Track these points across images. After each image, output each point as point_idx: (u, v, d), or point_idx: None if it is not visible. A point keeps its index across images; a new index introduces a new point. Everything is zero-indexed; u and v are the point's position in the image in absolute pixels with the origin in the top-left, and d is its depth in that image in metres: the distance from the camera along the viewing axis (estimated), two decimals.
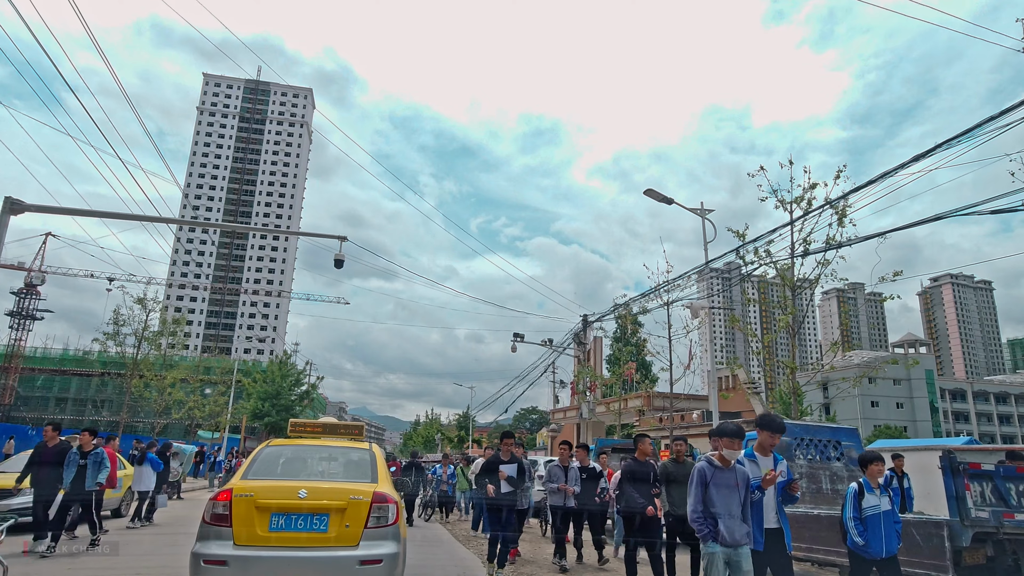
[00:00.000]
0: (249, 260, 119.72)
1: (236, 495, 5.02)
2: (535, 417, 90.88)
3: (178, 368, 25.38)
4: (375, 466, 5.91)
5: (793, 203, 12.36)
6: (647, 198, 14.70)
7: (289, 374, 42.23)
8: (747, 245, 13.01)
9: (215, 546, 4.84)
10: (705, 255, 14.96)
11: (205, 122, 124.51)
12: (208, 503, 5.12)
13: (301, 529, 4.99)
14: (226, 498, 5.03)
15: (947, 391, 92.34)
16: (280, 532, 4.95)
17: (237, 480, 5.36)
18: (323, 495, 5.11)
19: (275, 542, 4.91)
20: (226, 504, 4.98)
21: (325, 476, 5.98)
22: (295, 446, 6.30)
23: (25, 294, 72.52)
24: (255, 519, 4.93)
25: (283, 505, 5.01)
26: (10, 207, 10.73)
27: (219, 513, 4.97)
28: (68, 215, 12.44)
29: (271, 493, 5.08)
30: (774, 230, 12.36)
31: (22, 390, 64.78)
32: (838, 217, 11.51)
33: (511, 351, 23.60)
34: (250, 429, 43.13)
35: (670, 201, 15.04)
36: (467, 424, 61.97)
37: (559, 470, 8.64)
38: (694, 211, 15.20)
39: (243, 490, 5.06)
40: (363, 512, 5.10)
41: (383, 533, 5.13)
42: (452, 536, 12.31)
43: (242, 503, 4.98)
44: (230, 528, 4.90)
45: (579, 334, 21.89)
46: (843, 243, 11.10)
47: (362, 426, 7.10)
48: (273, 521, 4.96)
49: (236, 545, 4.84)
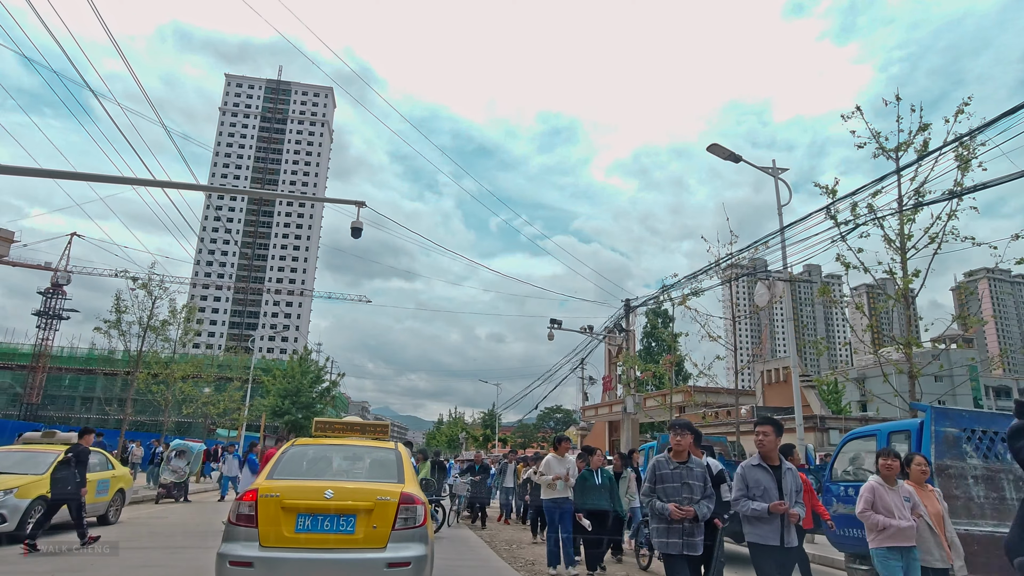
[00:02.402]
0: (271, 260, 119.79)
1: (262, 495, 4.92)
2: (559, 416, 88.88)
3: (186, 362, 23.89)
4: (401, 466, 5.71)
5: (898, 149, 10.20)
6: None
7: (309, 371, 40.93)
8: (841, 201, 10.85)
9: (241, 547, 4.75)
10: (780, 220, 12.84)
11: (227, 122, 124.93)
12: (234, 503, 5.05)
13: (328, 530, 4.90)
14: (252, 498, 4.93)
15: (991, 388, 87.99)
16: (307, 533, 4.86)
17: (262, 480, 5.25)
18: (350, 496, 5.03)
19: (302, 543, 4.83)
20: (252, 504, 4.88)
21: (351, 476, 5.85)
22: (320, 445, 6.17)
23: (51, 294, 72.96)
24: (281, 520, 4.86)
25: (309, 506, 4.92)
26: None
27: (245, 513, 4.87)
28: (43, 177, 10.90)
29: (297, 493, 5.00)
30: (880, 178, 10.18)
31: (49, 389, 65.08)
32: (963, 161, 9.31)
33: (548, 339, 21.79)
34: (272, 428, 41.95)
35: (737, 159, 12.94)
36: (493, 423, 60.26)
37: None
38: (765, 170, 13.08)
39: (269, 490, 4.97)
40: (390, 513, 5.00)
41: (411, 535, 5.02)
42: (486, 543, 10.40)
43: (268, 503, 4.89)
44: (256, 529, 4.81)
45: (620, 321, 19.79)
46: (975, 188, 8.86)
47: (387, 425, 6.89)
48: (299, 522, 4.88)
49: (262, 546, 4.76)
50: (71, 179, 11.30)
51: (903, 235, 9.88)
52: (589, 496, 7.79)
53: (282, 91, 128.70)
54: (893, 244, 9.99)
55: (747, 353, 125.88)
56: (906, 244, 9.85)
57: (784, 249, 12.55)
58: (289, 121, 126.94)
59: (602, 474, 8.02)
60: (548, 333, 21.56)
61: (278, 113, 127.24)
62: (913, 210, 9.76)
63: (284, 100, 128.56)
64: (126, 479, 11.90)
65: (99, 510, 10.80)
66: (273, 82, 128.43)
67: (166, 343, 20.21)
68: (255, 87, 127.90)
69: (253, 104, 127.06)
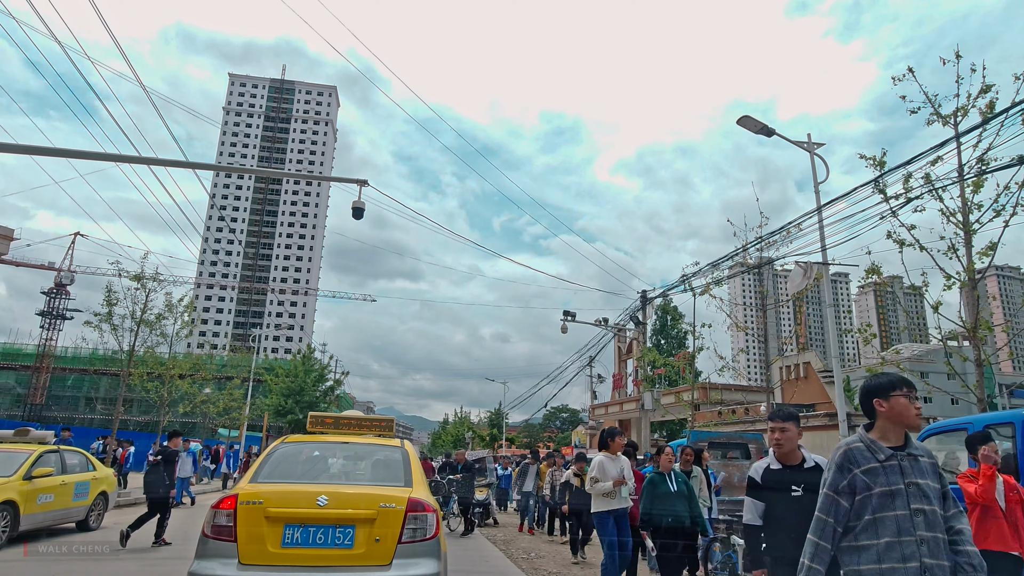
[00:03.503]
0: (276, 259, 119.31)
1: (242, 502, 4.13)
2: (565, 416, 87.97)
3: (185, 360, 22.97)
4: (409, 467, 4.89)
5: (958, 112, 9.17)
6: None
7: (312, 369, 40.09)
8: (887, 175, 9.84)
9: (216, 565, 4.00)
10: (817, 199, 11.81)
11: (231, 122, 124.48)
12: (208, 512, 4.18)
13: (321, 544, 4.11)
14: (230, 506, 4.13)
15: (1004, 386, 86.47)
16: (295, 548, 4.08)
17: (245, 484, 4.46)
18: (348, 502, 4.28)
19: (289, 560, 4.06)
20: (230, 514, 4.10)
21: (350, 479, 5.06)
22: (314, 443, 5.41)
23: (55, 294, 72.64)
24: (265, 532, 4.09)
25: (299, 515, 4.16)
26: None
27: (222, 525, 4.09)
28: (30, 154, 10.00)
29: (284, 500, 4.24)
30: (938, 145, 9.16)
31: (53, 389, 64.65)
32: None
33: (561, 331, 20.83)
34: (276, 429, 41.17)
35: (770, 132, 11.92)
36: (499, 422, 59.38)
37: None
38: (800, 144, 12.06)
39: (250, 496, 4.18)
40: (396, 523, 4.24)
41: (421, 549, 4.25)
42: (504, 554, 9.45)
43: (249, 512, 4.11)
44: (234, 543, 4.03)
45: (636, 314, 18.78)
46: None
47: (392, 420, 6.02)
48: (287, 535, 4.11)
49: (241, 564, 4.03)
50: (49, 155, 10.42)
51: (965, 206, 8.86)
52: (662, 505, 5.93)
53: (286, 90, 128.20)
54: (955, 217, 8.96)
55: (782, 343, 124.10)
56: (969, 218, 8.83)
57: (822, 229, 11.54)
58: (293, 120, 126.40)
59: (677, 478, 6.20)
60: (562, 326, 20.62)
61: (282, 112, 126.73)
62: (978, 179, 8.73)
63: (288, 99, 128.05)
64: (109, 481, 10.97)
65: (78, 515, 9.86)
66: (277, 81, 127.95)
67: (162, 338, 19.30)
68: (259, 86, 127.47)
69: (257, 103, 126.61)
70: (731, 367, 15.23)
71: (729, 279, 14.09)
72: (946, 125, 9.33)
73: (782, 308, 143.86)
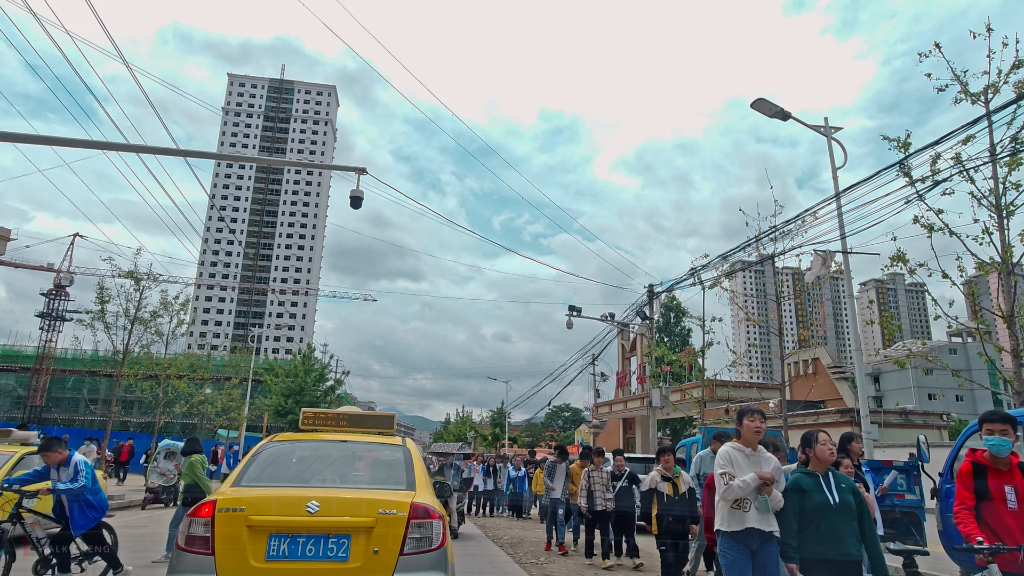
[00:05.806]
0: (276, 259, 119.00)
1: (220, 509, 3.67)
2: (567, 415, 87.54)
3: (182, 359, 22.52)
4: (412, 468, 4.42)
5: (988, 90, 8.69)
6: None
7: (313, 369, 39.71)
8: (913, 156, 9.36)
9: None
10: (835, 185, 11.33)
11: (231, 122, 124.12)
12: (184, 520, 3.71)
13: (311, 557, 3.65)
14: (207, 514, 3.66)
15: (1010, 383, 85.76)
16: (281, 562, 3.61)
17: (226, 488, 4.00)
18: (342, 509, 3.80)
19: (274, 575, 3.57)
20: (207, 522, 3.63)
21: (345, 482, 4.45)
22: (306, 442, 4.90)
23: (54, 296, 72.33)
24: (247, 543, 3.60)
25: (286, 523, 3.68)
26: None
27: (197, 535, 3.61)
28: (26, 143, 9.56)
29: (269, 506, 3.76)
30: (971, 123, 8.67)
31: (53, 391, 64.38)
32: None
33: (567, 327, 20.39)
34: (277, 429, 40.76)
35: (786, 115, 11.45)
36: (501, 421, 59.00)
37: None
38: (816, 128, 11.60)
39: (230, 503, 3.72)
40: (398, 532, 3.77)
41: (426, 561, 3.78)
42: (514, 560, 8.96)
43: (229, 520, 3.64)
44: (211, 556, 3.56)
45: (643, 308, 18.32)
46: None
47: (392, 416, 5.48)
48: (272, 546, 3.64)
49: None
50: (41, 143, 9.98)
51: (998, 187, 8.38)
52: (817, 528, 3.74)
53: (285, 90, 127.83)
54: (987, 199, 8.48)
55: (796, 336, 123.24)
56: (1002, 200, 8.35)
57: (841, 216, 11.06)
58: (292, 120, 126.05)
59: (839, 486, 3.87)
60: (567, 321, 20.15)
61: (281, 112, 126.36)
62: (1012, 159, 8.26)
63: (287, 99, 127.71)
64: None
65: None
66: (276, 81, 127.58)
67: (158, 337, 18.84)
68: (258, 86, 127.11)
69: (256, 104, 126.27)
70: (743, 362, 14.72)
71: (743, 270, 13.60)
72: (975, 103, 8.86)
73: (786, 303, 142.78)
